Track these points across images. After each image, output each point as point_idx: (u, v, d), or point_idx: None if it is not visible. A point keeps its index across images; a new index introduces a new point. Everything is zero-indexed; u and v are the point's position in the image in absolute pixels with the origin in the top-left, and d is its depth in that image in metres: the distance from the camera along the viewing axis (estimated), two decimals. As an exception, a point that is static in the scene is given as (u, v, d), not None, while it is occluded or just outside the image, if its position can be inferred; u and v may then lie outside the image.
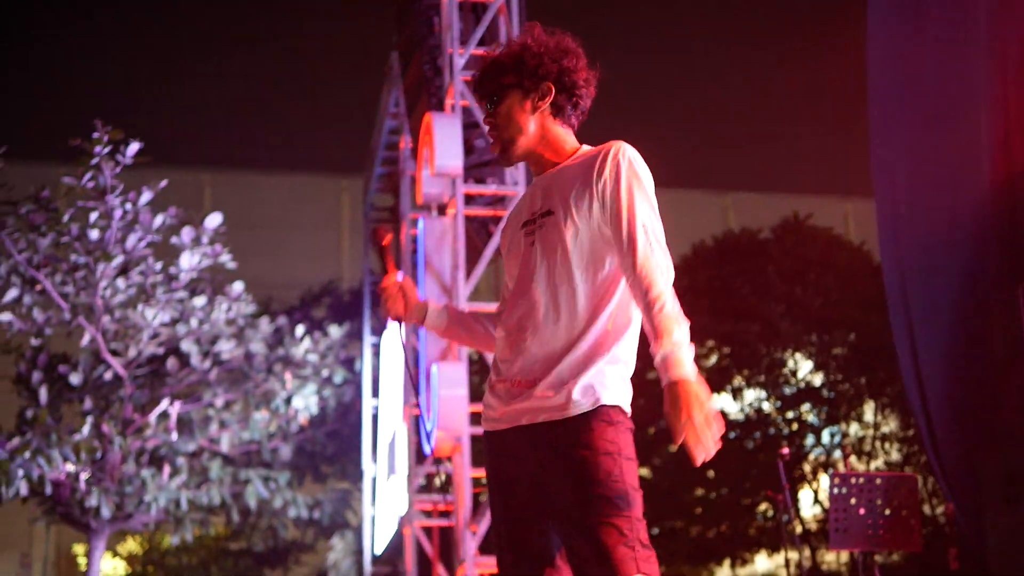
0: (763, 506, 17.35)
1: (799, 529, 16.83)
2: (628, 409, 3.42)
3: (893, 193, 8.48)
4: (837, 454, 17.38)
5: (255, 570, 20.57)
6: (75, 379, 13.14)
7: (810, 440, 17.43)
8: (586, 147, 3.59)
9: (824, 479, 17.25)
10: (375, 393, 16.37)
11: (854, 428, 17.58)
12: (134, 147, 11.42)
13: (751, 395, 17.69)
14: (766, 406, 17.54)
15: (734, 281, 18.22)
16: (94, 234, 11.79)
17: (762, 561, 20.58)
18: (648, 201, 3.38)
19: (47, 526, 16.10)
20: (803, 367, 17.73)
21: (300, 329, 14.34)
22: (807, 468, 17.48)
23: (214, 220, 12.35)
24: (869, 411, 17.63)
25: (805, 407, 17.44)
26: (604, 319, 3.40)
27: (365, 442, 16.38)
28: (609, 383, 3.36)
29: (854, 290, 17.69)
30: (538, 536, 3.43)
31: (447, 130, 10.46)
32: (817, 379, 17.62)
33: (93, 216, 11.74)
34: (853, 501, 6.89)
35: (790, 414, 17.49)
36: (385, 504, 14.87)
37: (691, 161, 32.55)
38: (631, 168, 3.40)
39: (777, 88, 34.21)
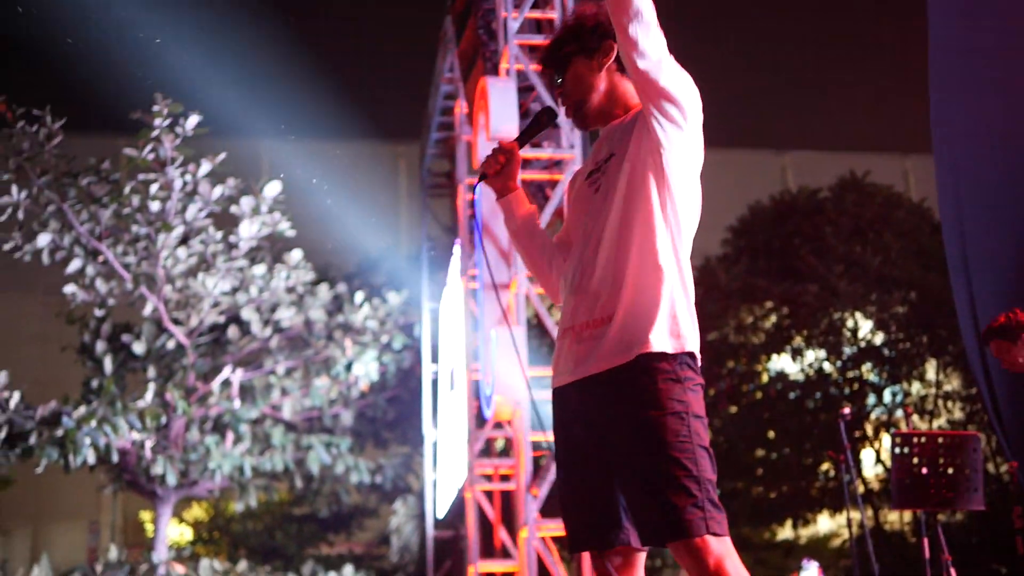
0: (825, 466, 17.28)
1: (861, 489, 16.76)
2: (698, 357, 3.42)
3: (953, 156, 8.39)
4: (899, 413, 17.25)
5: (320, 535, 20.76)
6: (138, 348, 13.31)
7: (871, 399, 17.32)
8: None
9: (886, 438, 17.14)
10: (434, 358, 16.44)
11: (916, 387, 17.44)
12: (193, 120, 11.52)
13: (811, 356, 17.59)
14: (826, 366, 17.43)
15: (792, 241, 18.09)
16: (155, 205, 11.90)
17: (824, 521, 20.51)
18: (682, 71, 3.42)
19: (114, 493, 16.32)
20: (863, 326, 17.59)
21: (359, 296, 14.42)
22: (869, 428, 17.38)
23: (273, 189, 12.43)
24: (931, 369, 17.49)
25: (866, 367, 17.32)
26: (666, 260, 3.42)
27: (425, 407, 16.47)
28: (676, 333, 3.37)
29: (914, 248, 17.52)
30: (605, 496, 3.43)
31: (502, 94, 10.44)
32: (878, 338, 17.48)
33: (154, 187, 11.85)
34: (916, 460, 6.85)
35: (851, 374, 17.38)
36: (446, 468, 14.97)
37: (749, 121, 32.25)
38: None
39: (835, 45, 33.80)
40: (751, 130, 32.10)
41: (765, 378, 18.12)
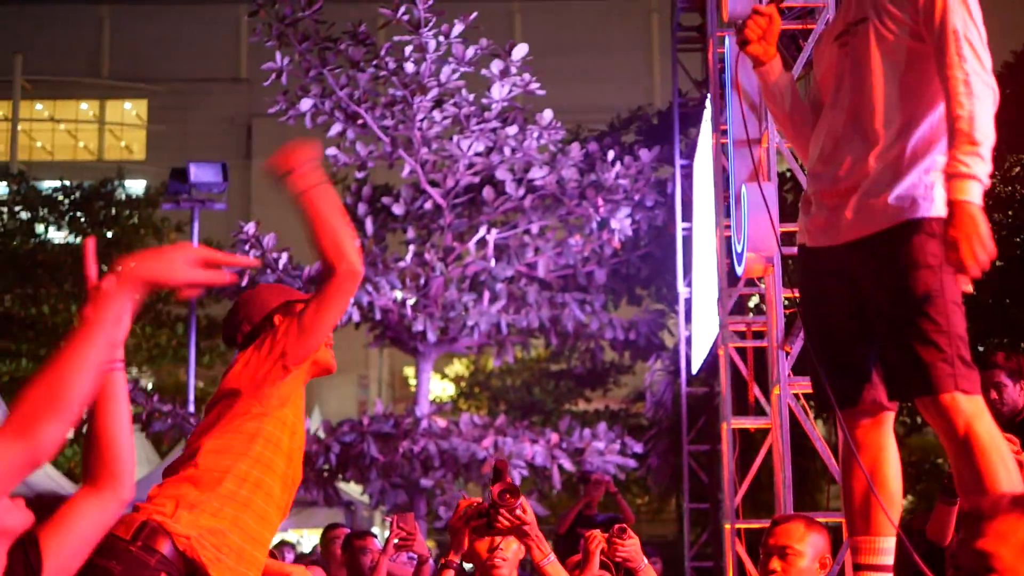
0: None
1: None
2: None
3: None
4: None
5: (576, 391, 21.13)
6: (397, 209, 13.69)
7: None
8: None
9: None
10: (686, 216, 16.34)
11: None
12: (446, -21, 11.66)
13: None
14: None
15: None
16: (409, 67, 12.13)
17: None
18: (964, 7, 3.22)
19: (380, 350, 17.04)
20: None
21: (611, 154, 14.39)
22: None
23: (520, 51, 12.48)
24: None
25: None
26: (923, 126, 3.30)
27: (678, 264, 16.44)
28: (930, 192, 3.26)
29: None
30: (853, 351, 3.40)
31: (751, -59, 10.12)
32: None
33: (408, 50, 12.07)
34: None
35: None
36: (700, 325, 14.97)
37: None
38: None
39: None
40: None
41: (1034, 230, 17.41)
